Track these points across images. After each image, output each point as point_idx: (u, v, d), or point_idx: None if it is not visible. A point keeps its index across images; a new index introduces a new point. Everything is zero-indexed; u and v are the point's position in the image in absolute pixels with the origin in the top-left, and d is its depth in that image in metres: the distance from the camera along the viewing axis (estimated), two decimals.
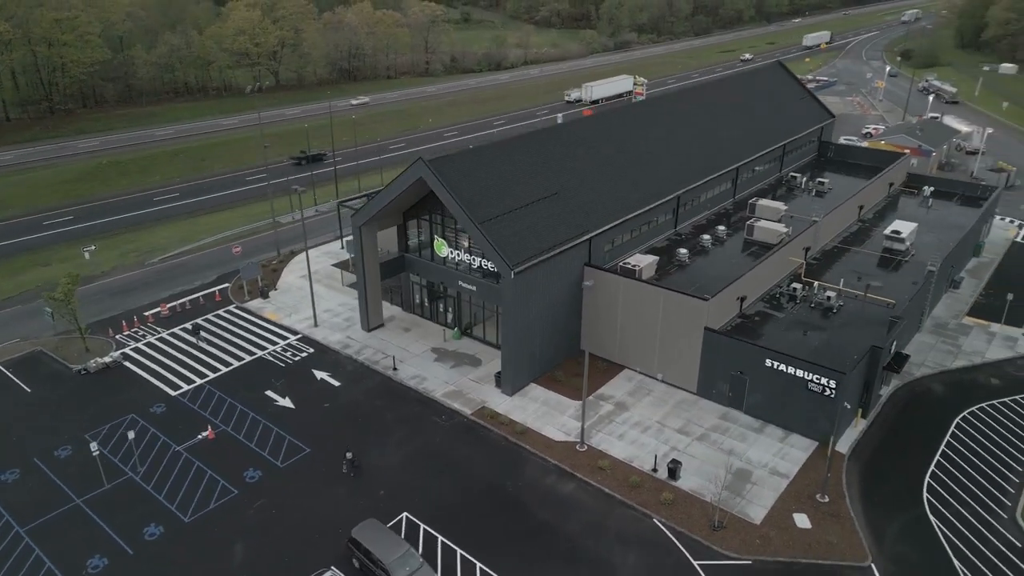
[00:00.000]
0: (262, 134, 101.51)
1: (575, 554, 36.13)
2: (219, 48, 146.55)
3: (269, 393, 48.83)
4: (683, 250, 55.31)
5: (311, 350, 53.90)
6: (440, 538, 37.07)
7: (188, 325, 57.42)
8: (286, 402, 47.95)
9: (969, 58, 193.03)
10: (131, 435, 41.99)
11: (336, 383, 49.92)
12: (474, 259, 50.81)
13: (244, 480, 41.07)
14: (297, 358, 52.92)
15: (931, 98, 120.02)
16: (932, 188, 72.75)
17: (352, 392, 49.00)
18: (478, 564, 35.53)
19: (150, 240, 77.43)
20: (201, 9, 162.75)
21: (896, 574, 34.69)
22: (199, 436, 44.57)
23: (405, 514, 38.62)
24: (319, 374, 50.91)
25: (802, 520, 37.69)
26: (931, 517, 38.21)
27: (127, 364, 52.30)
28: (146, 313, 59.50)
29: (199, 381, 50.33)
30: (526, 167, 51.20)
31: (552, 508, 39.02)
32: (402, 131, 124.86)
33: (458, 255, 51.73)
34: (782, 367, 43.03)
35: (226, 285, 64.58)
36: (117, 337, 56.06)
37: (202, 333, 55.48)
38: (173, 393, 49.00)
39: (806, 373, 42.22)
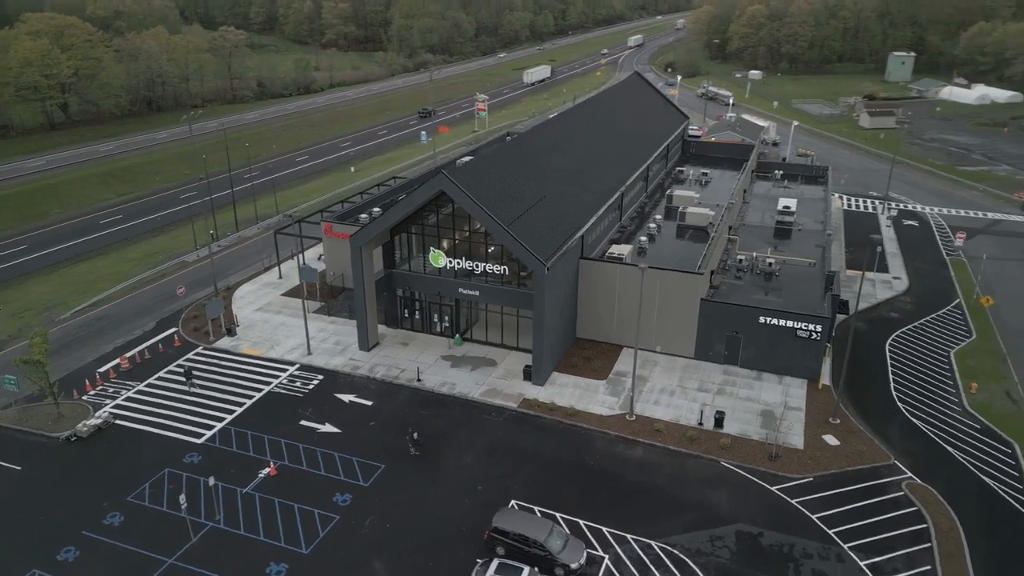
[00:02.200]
0: (205, 159, 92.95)
1: (676, 501, 40.90)
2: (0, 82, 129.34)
3: (305, 423, 47.61)
4: (644, 238, 62.28)
5: (320, 377, 52.84)
6: (557, 514, 39.94)
7: (165, 373, 53.24)
8: (328, 428, 47.15)
9: (721, 67, 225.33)
10: (211, 481, 39.44)
11: (368, 402, 49.84)
12: (476, 265, 53.37)
13: (337, 505, 40.49)
14: (310, 386, 51.71)
15: (731, 101, 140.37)
16: (782, 172, 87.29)
17: (390, 407, 49.33)
18: (603, 528, 39.03)
19: (33, 298, 68.75)
20: None
21: (915, 464, 43.86)
22: (261, 474, 42.69)
23: (514, 501, 40.84)
24: (345, 397, 50.38)
25: (831, 440, 45.84)
26: (912, 419, 48.40)
27: (120, 422, 47.74)
28: (101, 370, 54.01)
29: (219, 425, 47.49)
30: (511, 176, 54.87)
31: (635, 471, 43.45)
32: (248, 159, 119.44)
33: (458, 263, 53.89)
34: (774, 321, 51.31)
35: (174, 329, 60.14)
36: (84, 398, 50.58)
37: (194, 379, 51.83)
38: (199, 441, 45.92)
39: (795, 323, 50.85)
